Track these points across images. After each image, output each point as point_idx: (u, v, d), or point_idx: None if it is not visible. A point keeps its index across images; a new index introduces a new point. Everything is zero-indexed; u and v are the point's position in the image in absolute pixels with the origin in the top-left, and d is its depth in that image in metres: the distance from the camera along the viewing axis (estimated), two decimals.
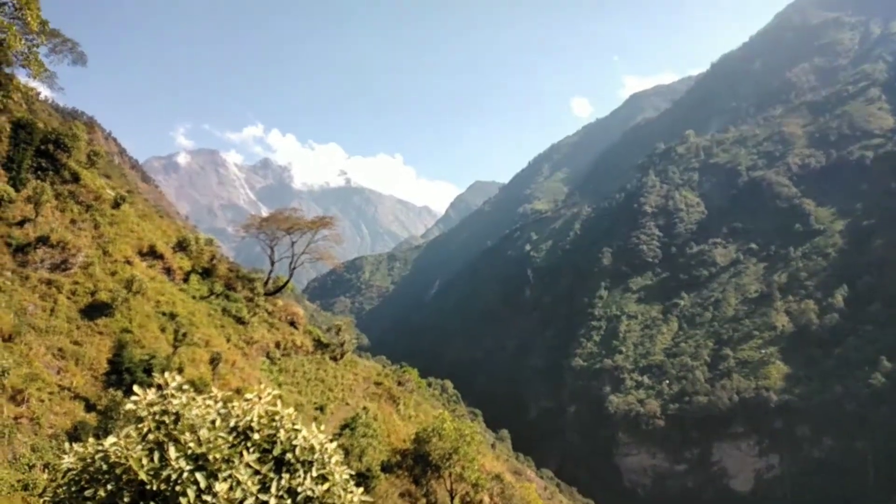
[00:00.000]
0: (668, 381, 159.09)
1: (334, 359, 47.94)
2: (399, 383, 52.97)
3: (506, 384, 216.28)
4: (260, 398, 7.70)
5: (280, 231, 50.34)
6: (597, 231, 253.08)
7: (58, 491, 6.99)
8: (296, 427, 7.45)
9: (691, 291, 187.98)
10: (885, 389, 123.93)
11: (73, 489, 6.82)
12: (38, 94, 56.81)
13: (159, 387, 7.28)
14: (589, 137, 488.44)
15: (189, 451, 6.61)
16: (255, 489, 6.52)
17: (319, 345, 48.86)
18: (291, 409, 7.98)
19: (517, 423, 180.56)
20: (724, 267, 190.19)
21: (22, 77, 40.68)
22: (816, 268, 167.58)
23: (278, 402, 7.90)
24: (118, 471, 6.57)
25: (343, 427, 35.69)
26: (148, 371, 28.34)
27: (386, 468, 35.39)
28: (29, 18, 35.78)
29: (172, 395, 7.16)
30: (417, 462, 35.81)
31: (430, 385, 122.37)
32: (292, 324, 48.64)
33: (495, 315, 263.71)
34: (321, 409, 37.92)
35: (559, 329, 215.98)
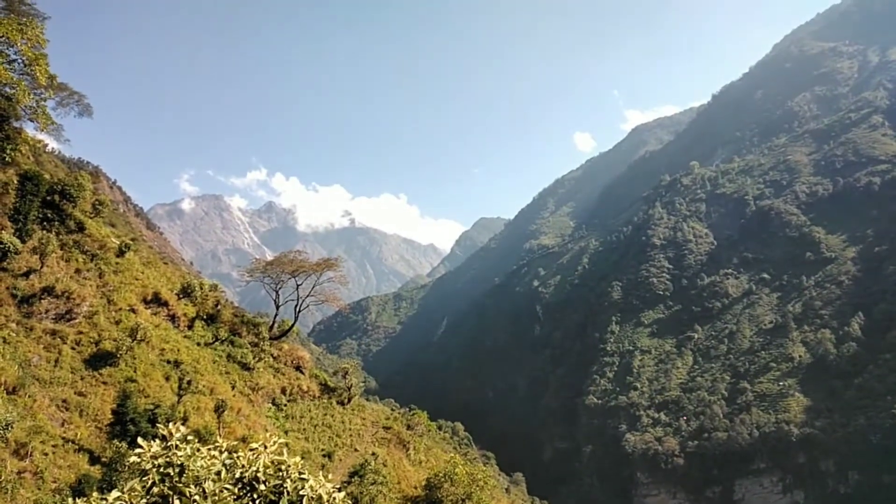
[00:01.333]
0: (685, 417, 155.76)
1: (341, 403, 46.98)
2: (408, 427, 51.68)
3: (518, 425, 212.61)
4: (266, 447, 7.45)
5: (285, 274, 50.06)
6: (605, 265, 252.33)
7: None
8: (302, 476, 7.27)
9: (705, 324, 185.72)
10: None
11: None
12: (46, 146, 57.66)
13: (163, 438, 7.22)
14: (593, 171, 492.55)
15: None
16: None
17: (326, 389, 47.99)
18: (298, 458, 7.56)
19: (532, 466, 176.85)
20: (737, 298, 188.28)
21: (30, 130, 41.34)
22: (831, 296, 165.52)
23: (284, 450, 7.51)
24: None
25: (352, 474, 34.62)
26: (152, 421, 27.72)
27: None
28: (38, 73, 36.56)
29: (177, 447, 7.06)
30: None
31: (440, 428, 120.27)
32: (298, 368, 47.88)
33: (505, 353, 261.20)
34: (329, 456, 36.90)
35: (571, 366, 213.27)
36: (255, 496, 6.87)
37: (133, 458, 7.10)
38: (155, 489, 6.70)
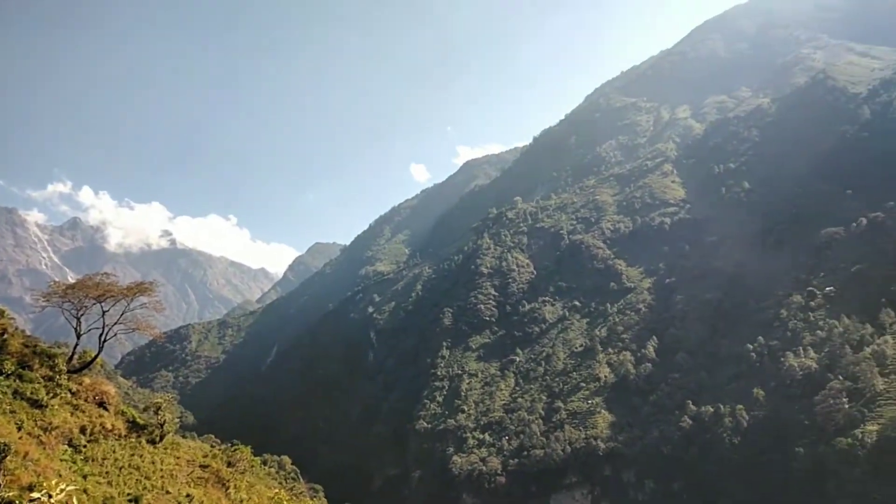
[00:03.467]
0: (507, 437, 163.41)
1: (152, 442, 42.89)
2: (229, 464, 48.45)
3: (350, 455, 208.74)
4: (51, 496, 6.67)
5: (89, 299, 44.53)
6: (438, 292, 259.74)
7: None
8: None
9: (525, 347, 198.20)
10: (693, 431, 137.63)
11: None
12: None
13: None
14: (427, 201, 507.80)
15: None
16: None
17: (135, 427, 43.54)
18: None
19: (362, 495, 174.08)
20: (553, 323, 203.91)
21: None
22: (630, 322, 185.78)
23: (74, 498, 6.83)
24: None
25: None
26: None
27: None
28: None
29: None
30: None
31: (265, 463, 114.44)
32: (102, 404, 42.91)
33: (338, 381, 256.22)
34: (136, 500, 33.47)
35: (404, 392, 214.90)
36: None
37: None
38: None
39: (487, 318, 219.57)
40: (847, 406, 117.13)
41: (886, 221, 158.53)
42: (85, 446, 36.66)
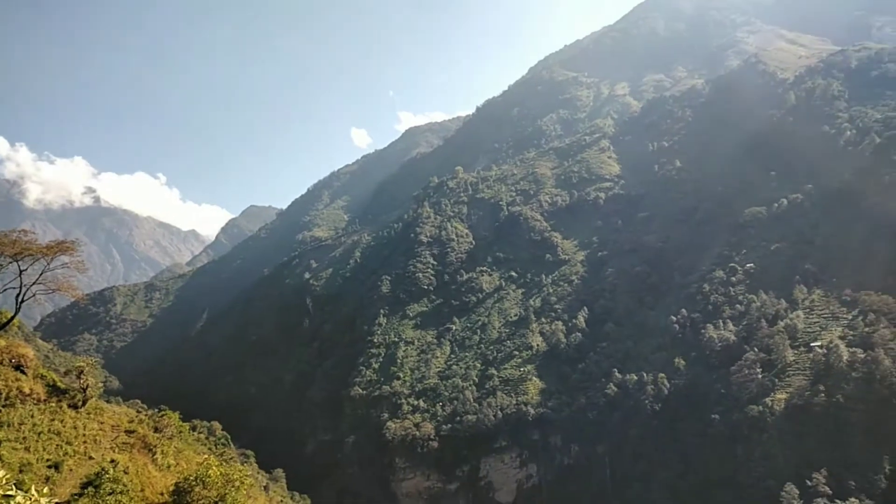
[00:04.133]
0: (441, 403, 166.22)
1: (74, 407, 41.03)
2: (156, 429, 47.08)
3: (282, 420, 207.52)
4: None
5: (5, 258, 41.81)
6: (376, 259, 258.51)
7: None
8: (8, 494, 6.15)
9: (462, 316, 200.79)
10: (617, 398, 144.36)
11: None
12: None
13: None
14: (368, 167, 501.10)
15: None
16: None
17: (55, 391, 41.49)
18: (1, 473, 6.44)
19: (294, 461, 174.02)
20: (490, 293, 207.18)
21: None
22: (563, 293, 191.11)
23: None
24: None
25: (85, 485, 30.59)
26: None
27: None
28: None
29: None
30: None
31: (194, 429, 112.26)
32: (18, 368, 40.62)
33: (271, 347, 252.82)
34: (56, 466, 32.16)
35: (339, 358, 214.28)
36: None
37: None
38: None
39: (425, 287, 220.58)
40: (760, 376, 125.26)
41: (805, 203, 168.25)
42: (0, 411, 34.75)
